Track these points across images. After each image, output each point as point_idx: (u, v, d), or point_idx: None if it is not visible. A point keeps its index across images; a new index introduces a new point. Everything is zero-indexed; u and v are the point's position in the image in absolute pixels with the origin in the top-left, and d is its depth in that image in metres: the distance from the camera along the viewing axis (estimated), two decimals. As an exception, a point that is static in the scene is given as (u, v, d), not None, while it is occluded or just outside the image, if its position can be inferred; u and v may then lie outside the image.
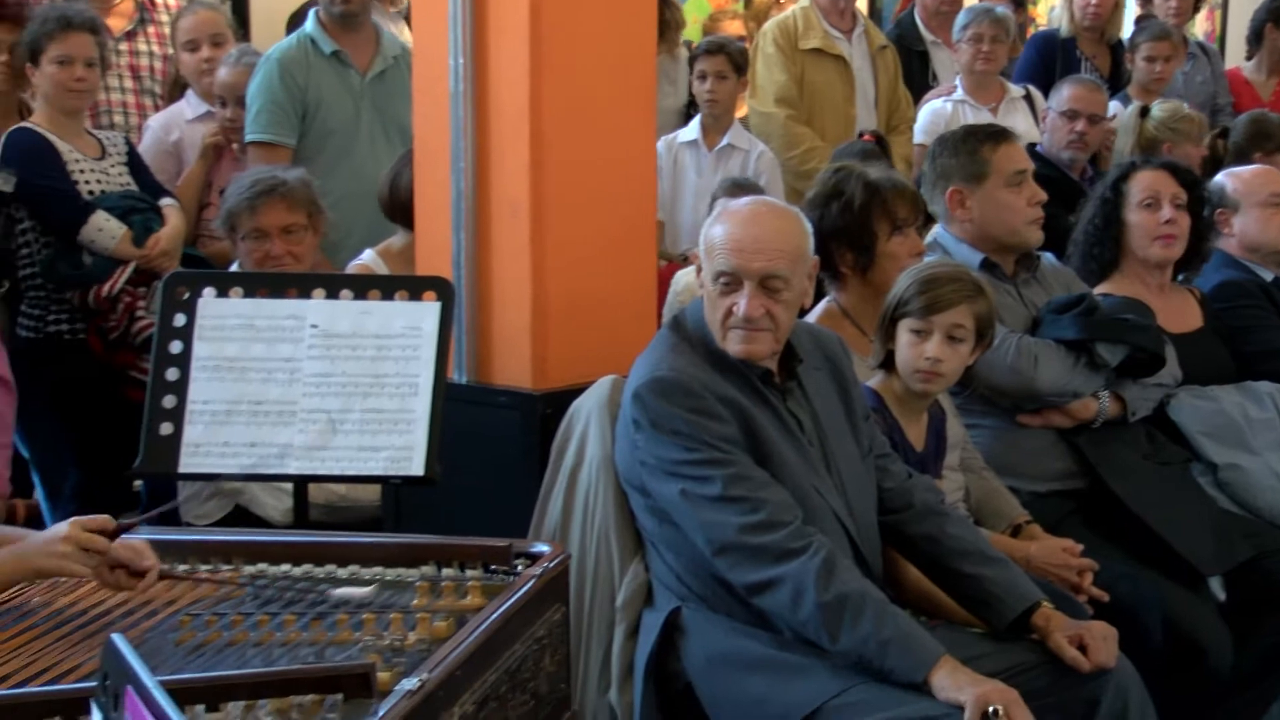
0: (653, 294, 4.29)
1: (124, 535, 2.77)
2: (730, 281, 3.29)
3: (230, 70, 5.71)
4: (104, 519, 2.73)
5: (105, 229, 5.08)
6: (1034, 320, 4.38)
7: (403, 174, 4.73)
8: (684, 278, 5.28)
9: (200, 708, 2.19)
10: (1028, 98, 7.00)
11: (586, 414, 3.63)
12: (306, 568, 2.96)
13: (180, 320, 3.55)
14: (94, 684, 1.60)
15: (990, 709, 2.94)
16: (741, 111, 6.76)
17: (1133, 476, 4.30)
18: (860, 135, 6.36)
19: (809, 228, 3.41)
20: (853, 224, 4.03)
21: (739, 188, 5.22)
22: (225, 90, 5.72)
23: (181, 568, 2.93)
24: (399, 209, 4.77)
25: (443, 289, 3.59)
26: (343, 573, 2.93)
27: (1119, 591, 3.87)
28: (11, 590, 2.73)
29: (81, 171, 5.19)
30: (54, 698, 2.22)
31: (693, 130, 6.53)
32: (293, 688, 2.26)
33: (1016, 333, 4.26)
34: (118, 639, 1.56)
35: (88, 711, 1.90)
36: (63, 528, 2.70)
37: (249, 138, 5.52)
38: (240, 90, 5.62)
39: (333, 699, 2.26)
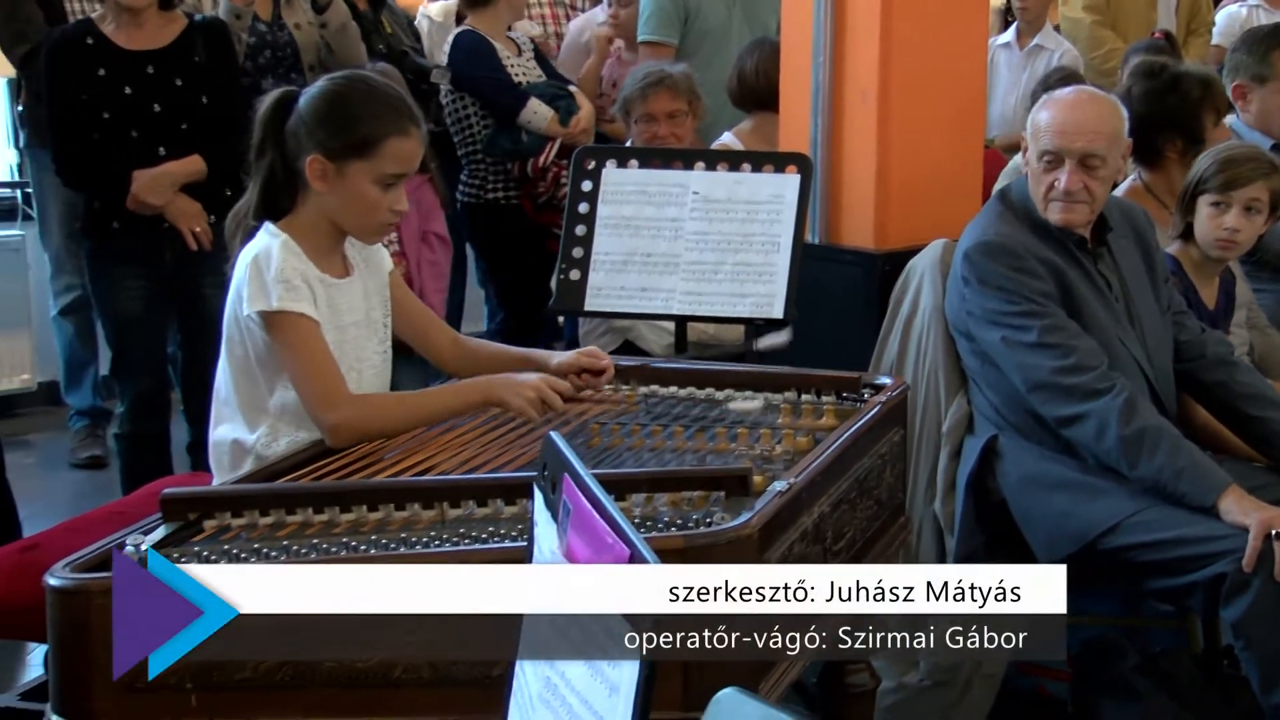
0: (979, 171, 4.18)
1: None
2: (1053, 159, 3.15)
3: None
4: (565, 384, 2.72)
5: (539, 112, 5.17)
6: (1321, 198, 4.09)
7: (745, 65, 4.67)
8: (1015, 159, 5.12)
9: (611, 497, 2.22)
10: (1327, 3, 6.50)
11: (921, 271, 3.54)
12: (689, 390, 2.96)
13: (587, 186, 3.60)
14: (532, 474, 1.60)
15: (1273, 532, 2.80)
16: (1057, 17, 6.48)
17: None
18: (1153, 34, 6.02)
19: (1125, 113, 3.24)
20: (1187, 116, 3.82)
21: (1064, 78, 4.96)
22: None
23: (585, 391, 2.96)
24: (745, 95, 4.71)
25: (802, 163, 3.58)
26: (719, 395, 2.93)
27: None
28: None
29: (510, 66, 5.27)
30: (500, 483, 2.29)
31: (1009, 34, 6.30)
32: (684, 484, 2.29)
33: (1304, 208, 4.00)
34: (555, 435, 1.56)
35: (526, 495, 1.96)
36: (533, 377, 2.68)
37: (640, 38, 5.50)
38: None
39: (716, 495, 2.27)
